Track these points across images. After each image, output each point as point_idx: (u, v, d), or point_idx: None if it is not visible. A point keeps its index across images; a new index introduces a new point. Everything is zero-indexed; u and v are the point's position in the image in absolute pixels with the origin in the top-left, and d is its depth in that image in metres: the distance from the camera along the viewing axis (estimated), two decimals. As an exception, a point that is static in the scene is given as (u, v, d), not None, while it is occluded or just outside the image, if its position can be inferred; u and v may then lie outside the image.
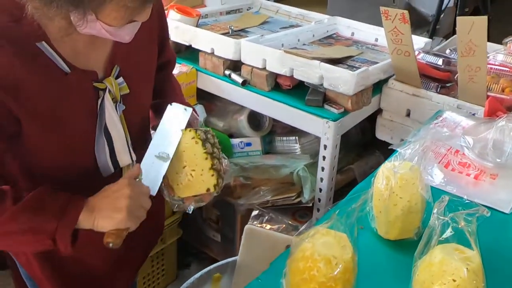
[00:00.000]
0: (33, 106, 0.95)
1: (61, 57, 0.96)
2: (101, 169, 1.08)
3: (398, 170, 1.07)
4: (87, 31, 0.92)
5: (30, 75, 0.92)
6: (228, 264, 1.46)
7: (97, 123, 1.04)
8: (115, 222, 0.98)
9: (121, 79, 1.07)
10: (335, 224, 0.92)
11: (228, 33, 1.99)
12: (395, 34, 1.59)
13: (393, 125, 1.76)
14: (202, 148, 1.09)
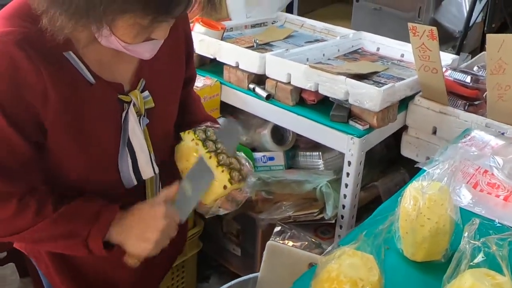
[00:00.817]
0: (58, 115, 0.95)
1: (87, 67, 0.97)
2: (124, 181, 1.09)
3: (427, 190, 1.05)
4: (106, 44, 0.92)
5: (56, 84, 0.93)
6: (250, 280, 1.45)
7: (121, 136, 1.04)
8: (140, 250, 1.01)
9: (147, 93, 1.07)
10: (362, 245, 0.91)
11: (253, 46, 1.99)
12: (422, 51, 1.56)
13: (418, 143, 1.73)
14: (204, 149, 1.07)
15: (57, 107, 0.94)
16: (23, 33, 0.89)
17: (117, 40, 0.89)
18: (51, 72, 0.92)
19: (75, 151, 1.01)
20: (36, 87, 0.91)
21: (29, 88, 0.90)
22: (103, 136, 1.03)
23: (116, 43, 0.90)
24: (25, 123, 0.93)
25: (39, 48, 0.90)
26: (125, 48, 0.91)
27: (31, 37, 0.89)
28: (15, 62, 0.88)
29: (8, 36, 0.88)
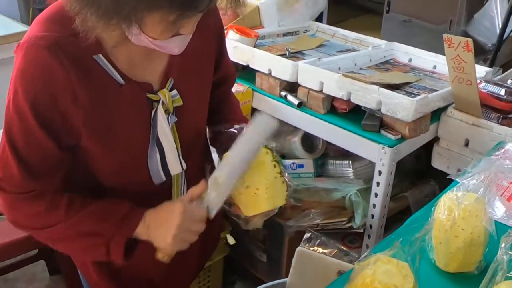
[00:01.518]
0: (88, 117, 0.99)
1: (116, 69, 1.00)
2: (153, 178, 1.12)
3: (462, 201, 1.05)
4: (137, 42, 0.95)
5: (85, 87, 0.96)
6: (278, 286, 1.45)
7: (150, 134, 1.07)
8: (163, 245, 1.04)
9: (175, 92, 1.09)
10: (398, 253, 0.91)
11: (285, 54, 2.01)
12: (457, 62, 1.56)
13: (450, 154, 1.72)
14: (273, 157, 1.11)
15: (87, 109, 0.98)
16: (55, 37, 0.93)
17: (146, 38, 0.92)
18: (81, 75, 0.95)
19: (106, 151, 1.04)
20: (67, 90, 0.94)
21: (60, 91, 0.94)
22: (133, 135, 1.06)
23: (146, 41, 0.93)
24: (56, 126, 0.97)
25: (69, 52, 0.93)
26: (154, 44, 0.93)
27: (62, 42, 0.93)
28: (46, 66, 0.92)
29: (40, 40, 0.92)
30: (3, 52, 2.40)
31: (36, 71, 0.92)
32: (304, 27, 2.36)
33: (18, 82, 0.93)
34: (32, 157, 0.98)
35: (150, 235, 1.05)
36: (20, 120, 0.95)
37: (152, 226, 1.04)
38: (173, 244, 1.04)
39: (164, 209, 1.05)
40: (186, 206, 1.04)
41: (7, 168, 0.98)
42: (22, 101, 0.93)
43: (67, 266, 1.90)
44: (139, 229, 1.04)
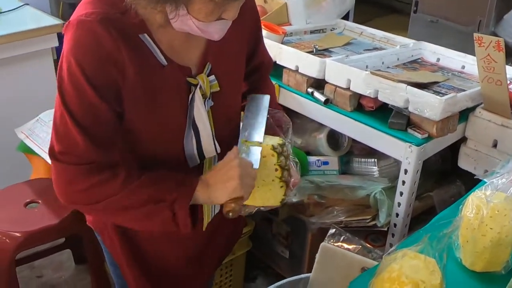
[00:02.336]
0: (133, 91, 1.02)
1: (160, 50, 1.03)
2: (188, 160, 1.14)
3: (491, 199, 1.04)
4: (179, 26, 0.98)
5: (132, 62, 1.00)
6: (301, 281, 1.46)
7: (187, 116, 1.10)
8: (230, 191, 1.03)
9: (213, 77, 1.12)
10: (426, 248, 0.91)
11: (312, 51, 2.01)
12: (487, 62, 1.55)
13: (477, 155, 1.71)
14: (277, 161, 1.12)
15: (133, 83, 1.01)
16: (105, 13, 0.97)
17: (192, 20, 0.95)
18: (129, 50, 0.99)
19: (144, 128, 1.07)
20: (117, 60, 0.98)
21: (111, 61, 0.98)
22: (171, 115, 1.09)
23: (190, 23, 0.96)
24: (109, 95, 1.00)
25: (118, 27, 0.98)
26: (198, 27, 0.97)
27: (111, 18, 0.97)
28: (98, 37, 0.96)
29: (92, 15, 0.96)
30: (34, 45, 2.46)
31: (89, 41, 0.96)
32: (331, 25, 2.36)
33: (71, 54, 0.97)
34: (92, 126, 1.00)
35: (211, 195, 1.05)
36: (76, 91, 0.98)
37: (211, 181, 1.05)
38: (239, 187, 1.02)
39: (217, 166, 1.07)
40: (236, 154, 1.06)
41: (70, 139, 1.00)
42: (77, 72, 0.96)
43: (92, 256, 1.94)
44: (199, 188, 1.05)
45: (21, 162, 2.22)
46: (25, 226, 1.78)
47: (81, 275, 2.32)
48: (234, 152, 1.08)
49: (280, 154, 1.13)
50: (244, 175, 1.03)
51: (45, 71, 2.57)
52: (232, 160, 1.05)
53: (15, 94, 2.48)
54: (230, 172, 1.03)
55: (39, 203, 1.88)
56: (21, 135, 2.07)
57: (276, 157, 1.12)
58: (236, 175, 1.03)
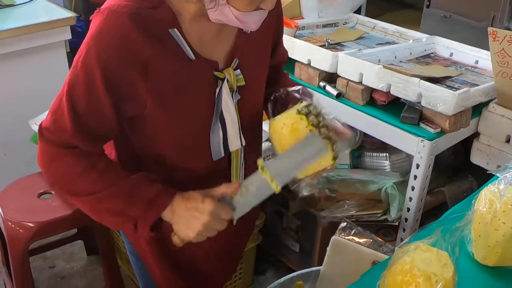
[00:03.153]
0: (158, 88, 1.02)
1: (188, 44, 1.04)
2: (212, 153, 1.14)
3: (505, 193, 1.04)
4: (216, 16, 0.99)
5: (158, 58, 1.00)
6: (312, 273, 1.47)
7: (214, 110, 1.10)
8: (184, 235, 1.06)
9: (239, 71, 1.13)
10: (438, 241, 0.91)
11: (324, 45, 2.01)
12: (501, 56, 1.54)
13: (490, 151, 1.70)
14: (307, 122, 1.06)
15: (158, 78, 1.01)
16: (137, 8, 0.97)
17: (231, 9, 0.96)
18: (156, 46, 0.99)
19: (172, 122, 1.07)
20: (139, 58, 0.98)
21: (132, 59, 0.98)
22: (198, 109, 1.09)
23: (229, 13, 0.97)
24: (120, 92, 1.00)
25: (148, 23, 0.98)
26: (236, 17, 0.97)
27: (143, 12, 0.97)
28: (125, 32, 0.96)
29: (123, 8, 0.96)
30: (48, 37, 2.47)
31: (114, 34, 0.96)
32: (343, 19, 2.35)
33: (93, 42, 0.97)
34: (88, 118, 1.01)
35: (173, 221, 1.07)
36: (86, 80, 0.98)
37: (177, 213, 1.06)
38: (194, 238, 1.06)
39: (194, 201, 1.05)
40: (216, 207, 1.04)
41: (61, 122, 1.01)
42: (93, 62, 0.96)
43: (104, 247, 1.96)
44: (165, 213, 1.07)
45: (35, 153, 2.23)
46: (38, 217, 1.79)
47: (93, 265, 2.34)
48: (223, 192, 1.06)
49: (308, 114, 1.07)
50: (205, 231, 1.04)
51: (59, 64, 2.59)
52: (205, 211, 1.03)
53: (29, 86, 2.50)
54: (193, 223, 1.04)
55: (52, 194, 1.90)
56: (35, 127, 2.08)
57: (305, 119, 1.07)
58: (195, 230, 1.04)
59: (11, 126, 2.43)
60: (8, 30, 2.31)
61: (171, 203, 1.06)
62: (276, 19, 1.22)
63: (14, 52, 2.39)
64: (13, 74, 2.44)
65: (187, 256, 1.27)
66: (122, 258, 2.22)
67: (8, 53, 2.36)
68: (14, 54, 2.39)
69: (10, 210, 1.82)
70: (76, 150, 1.03)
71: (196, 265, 1.30)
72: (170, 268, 1.27)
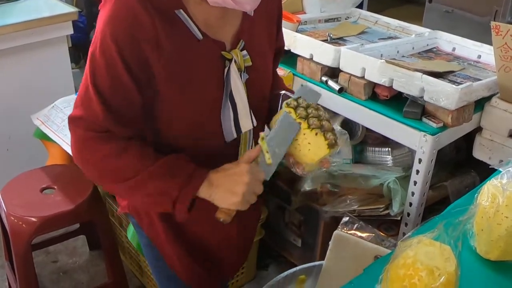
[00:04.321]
0: (170, 66, 1.04)
1: (195, 25, 1.06)
2: (225, 134, 1.15)
3: (508, 187, 1.04)
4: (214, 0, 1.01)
5: (168, 37, 1.02)
6: (314, 268, 1.47)
7: (223, 90, 1.12)
8: (229, 203, 1.07)
9: (245, 52, 1.15)
10: (441, 235, 0.91)
11: (327, 40, 2.00)
12: (504, 51, 1.53)
13: (492, 145, 1.70)
14: (295, 115, 1.11)
15: (168, 58, 1.03)
16: None
17: None
18: (165, 25, 1.01)
19: (182, 102, 1.08)
20: (151, 37, 1.00)
21: (145, 37, 1.00)
22: (207, 89, 1.11)
23: None
24: (139, 71, 1.02)
25: (155, 5, 1.00)
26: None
27: None
28: (135, 12, 0.98)
29: None
30: (49, 32, 2.47)
31: (125, 16, 0.99)
32: (346, 14, 2.35)
33: (107, 27, 0.99)
34: (116, 101, 1.03)
35: (213, 194, 1.07)
36: (106, 64, 1.01)
37: (216, 185, 1.07)
38: (239, 203, 1.06)
39: (228, 170, 1.08)
40: (251, 166, 1.07)
41: (91, 109, 1.03)
42: (110, 45, 0.99)
43: (107, 242, 1.96)
44: (202, 188, 1.07)
45: (37, 148, 2.25)
46: (41, 211, 1.80)
47: (95, 260, 2.35)
48: (251, 157, 1.09)
49: (297, 107, 1.12)
50: (249, 193, 1.06)
51: (60, 59, 2.59)
52: (243, 173, 1.05)
53: (31, 81, 2.50)
54: (236, 186, 1.05)
55: (55, 189, 1.90)
56: (37, 122, 2.09)
57: (293, 112, 1.11)
58: (240, 192, 1.05)
59: (14, 121, 2.44)
60: (10, 25, 2.31)
61: (208, 177, 1.07)
62: (277, 5, 1.25)
63: (16, 47, 2.39)
64: (15, 69, 2.45)
65: (202, 243, 1.28)
66: (124, 253, 2.23)
67: (10, 48, 2.36)
68: (16, 49, 2.40)
69: (13, 205, 1.82)
70: (110, 134, 1.05)
71: (211, 252, 1.31)
72: (187, 255, 1.28)
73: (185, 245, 1.27)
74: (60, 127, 1.98)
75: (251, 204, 1.09)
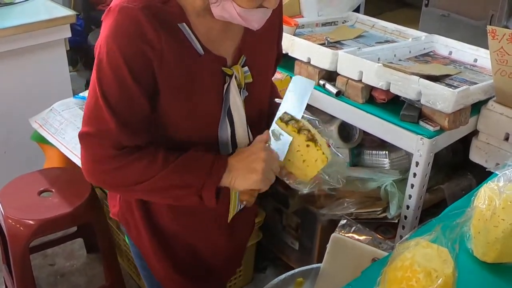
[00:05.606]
0: (171, 79, 1.04)
1: (197, 39, 1.05)
2: (220, 149, 1.15)
3: (504, 190, 1.04)
4: (219, 13, 1.01)
5: (170, 51, 1.02)
6: (312, 270, 1.47)
7: (222, 106, 1.11)
8: (250, 183, 1.07)
9: (246, 68, 1.14)
10: (438, 238, 0.92)
11: (324, 44, 2.01)
12: (500, 55, 1.54)
13: (489, 148, 1.71)
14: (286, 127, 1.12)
15: (170, 70, 1.03)
16: (146, 2, 1.00)
17: (233, 5, 0.98)
18: (168, 38, 1.01)
19: (180, 116, 1.08)
20: (156, 47, 1.00)
21: (150, 48, 1.00)
22: (207, 105, 1.11)
23: (232, 9, 0.98)
24: (146, 82, 1.02)
25: (158, 17, 1.00)
26: (239, 14, 0.99)
27: (152, 6, 1.00)
28: (139, 24, 0.98)
29: (134, 3, 0.99)
30: (47, 35, 2.47)
31: (130, 27, 0.98)
32: (343, 18, 2.36)
33: (112, 40, 0.99)
34: (126, 111, 1.02)
35: (233, 179, 1.07)
36: (114, 76, 1.00)
37: (235, 168, 1.07)
38: (260, 181, 1.05)
39: (244, 152, 1.09)
40: (265, 145, 1.08)
41: (102, 123, 1.02)
42: (117, 57, 0.99)
43: (104, 245, 1.96)
44: (224, 176, 1.07)
45: (35, 151, 2.25)
46: (38, 214, 1.80)
47: (93, 263, 2.34)
48: (264, 139, 1.10)
49: (289, 121, 1.13)
50: (267, 169, 1.06)
51: (58, 62, 2.59)
52: (259, 150, 1.06)
53: (29, 84, 2.50)
54: (254, 164, 1.05)
55: (52, 192, 1.90)
56: (35, 125, 2.09)
57: (290, 126, 1.12)
58: (260, 169, 1.05)
59: (11, 124, 2.44)
60: (8, 28, 2.32)
61: (228, 164, 1.08)
62: (278, 15, 1.24)
63: (14, 50, 2.39)
64: (13, 72, 2.45)
65: (191, 254, 1.27)
66: (122, 256, 2.23)
67: (8, 51, 2.37)
68: (14, 52, 2.40)
69: (11, 208, 1.82)
70: (123, 151, 1.04)
71: (201, 262, 1.30)
72: (174, 269, 1.27)
73: (172, 259, 1.27)
74: (58, 130, 1.98)
75: (250, 204, 1.10)
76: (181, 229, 1.16)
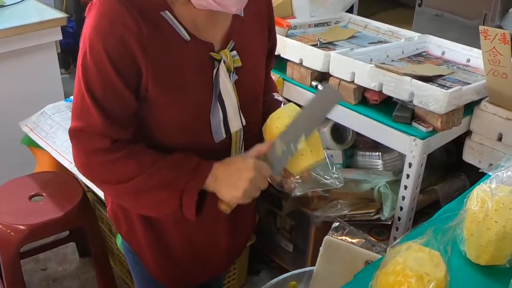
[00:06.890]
0: (157, 69, 1.03)
1: (183, 26, 1.05)
2: (213, 135, 1.14)
3: (497, 192, 1.04)
4: (197, 1, 1.01)
5: (154, 40, 1.02)
6: (305, 273, 1.46)
7: (213, 91, 1.11)
8: (229, 198, 1.08)
9: (235, 53, 1.14)
10: (430, 241, 0.91)
11: (317, 45, 2.00)
12: (493, 55, 1.54)
13: (482, 149, 1.70)
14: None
15: (155, 60, 1.03)
16: None
17: None
18: (150, 28, 1.01)
19: (172, 104, 1.08)
20: (137, 39, 1.00)
21: (131, 40, 0.99)
22: (196, 91, 1.10)
23: None
24: (130, 74, 1.02)
25: (139, 6, 1.00)
26: (215, 1, 0.99)
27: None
28: (119, 17, 0.98)
29: None
30: (38, 38, 2.46)
31: (110, 21, 0.99)
32: (335, 18, 2.35)
33: (93, 34, 0.99)
34: (110, 104, 1.03)
35: (217, 187, 1.08)
36: (97, 70, 1.00)
37: (220, 178, 1.08)
38: (242, 197, 1.07)
39: (234, 163, 1.09)
40: (257, 162, 1.08)
41: (89, 117, 1.03)
42: (99, 51, 0.99)
43: (96, 249, 1.95)
44: (208, 180, 1.07)
45: (25, 155, 2.23)
46: (29, 219, 1.78)
47: (85, 267, 2.33)
48: (260, 151, 1.10)
49: None
50: (252, 188, 1.07)
51: (49, 65, 2.58)
52: (248, 169, 1.06)
53: (19, 87, 2.48)
54: (239, 182, 1.06)
55: (43, 196, 1.89)
56: (25, 128, 2.07)
57: None
58: (242, 188, 1.06)
59: (1, 128, 2.42)
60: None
61: (212, 170, 1.08)
62: (266, 3, 1.24)
63: (5, 53, 2.37)
64: (3, 75, 2.43)
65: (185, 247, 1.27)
66: (114, 260, 2.21)
67: (-2, 54, 2.35)
68: (5, 55, 2.38)
69: (1, 213, 1.80)
70: (112, 146, 1.05)
71: (195, 254, 1.30)
72: (166, 260, 1.27)
73: (166, 250, 1.26)
74: (49, 134, 1.97)
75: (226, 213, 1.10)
76: (179, 222, 1.16)
